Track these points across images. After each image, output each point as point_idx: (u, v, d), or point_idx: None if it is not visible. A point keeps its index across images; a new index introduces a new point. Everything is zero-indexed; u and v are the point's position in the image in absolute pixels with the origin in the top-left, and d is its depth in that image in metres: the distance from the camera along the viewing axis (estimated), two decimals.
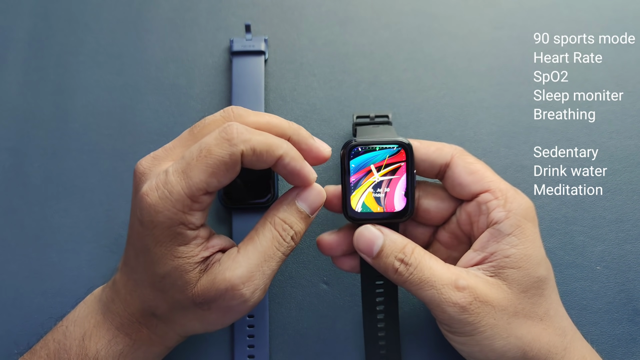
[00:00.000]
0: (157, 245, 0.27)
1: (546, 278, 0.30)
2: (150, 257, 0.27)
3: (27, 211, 0.38)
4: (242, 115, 0.28)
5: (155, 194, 0.26)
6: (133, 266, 0.29)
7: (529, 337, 0.29)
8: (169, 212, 0.26)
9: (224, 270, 0.28)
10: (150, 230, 0.27)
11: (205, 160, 0.26)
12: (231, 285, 0.27)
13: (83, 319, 0.30)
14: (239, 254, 0.28)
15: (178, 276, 0.27)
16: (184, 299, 0.28)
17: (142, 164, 0.28)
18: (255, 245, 0.29)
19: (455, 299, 0.28)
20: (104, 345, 0.29)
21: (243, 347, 0.36)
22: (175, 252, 0.27)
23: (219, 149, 0.26)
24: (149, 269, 0.28)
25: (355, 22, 0.41)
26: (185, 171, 0.26)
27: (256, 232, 0.29)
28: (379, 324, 0.33)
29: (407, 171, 0.30)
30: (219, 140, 0.26)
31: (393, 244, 0.30)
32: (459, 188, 0.31)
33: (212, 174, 0.26)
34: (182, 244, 0.27)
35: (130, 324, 0.30)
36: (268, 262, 0.28)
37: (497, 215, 0.30)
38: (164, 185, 0.26)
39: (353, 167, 0.30)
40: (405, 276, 0.29)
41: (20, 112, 0.40)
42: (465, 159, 0.31)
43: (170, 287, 0.28)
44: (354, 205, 0.30)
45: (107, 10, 0.42)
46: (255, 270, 0.28)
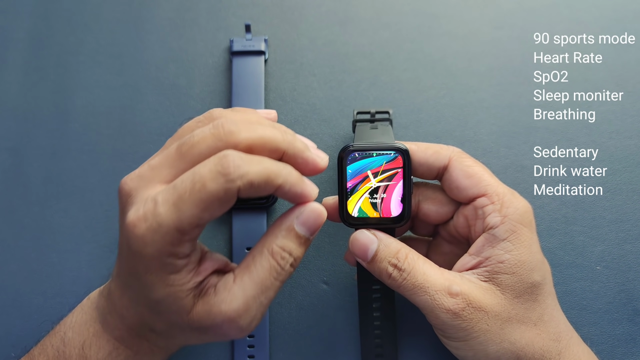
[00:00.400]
0: (147, 273, 0.26)
1: (540, 283, 0.30)
2: (142, 282, 0.26)
3: (27, 211, 0.38)
4: (233, 132, 0.26)
5: (143, 226, 0.25)
6: (127, 283, 0.28)
7: (523, 342, 0.29)
8: (158, 244, 0.25)
9: (219, 303, 0.26)
10: (139, 259, 0.26)
11: (198, 194, 0.24)
12: (228, 318, 0.26)
13: (81, 326, 0.30)
14: (235, 285, 0.27)
15: (172, 302, 0.26)
16: (181, 321, 0.27)
17: (128, 184, 0.27)
18: (252, 275, 0.27)
19: (448, 305, 0.28)
20: (105, 356, 0.29)
21: (243, 347, 0.36)
22: (167, 280, 0.26)
23: (214, 183, 0.24)
24: (142, 292, 0.27)
25: (355, 22, 0.41)
26: (177, 204, 0.24)
27: (253, 259, 0.28)
28: (375, 322, 0.33)
29: (404, 178, 0.30)
30: (214, 174, 0.24)
31: (387, 249, 0.30)
32: (457, 191, 0.31)
33: (205, 208, 0.24)
34: (173, 273, 0.26)
35: (130, 337, 0.29)
36: (265, 293, 0.27)
37: (492, 220, 0.30)
38: (152, 216, 0.25)
39: (350, 172, 0.30)
40: (399, 281, 0.29)
41: (20, 112, 0.40)
42: (463, 161, 0.31)
43: (166, 310, 0.27)
44: (350, 210, 0.30)
45: (107, 10, 0.42)
46: (251, 303, 0.27)
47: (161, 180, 0.26)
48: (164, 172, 0.26)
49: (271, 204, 0.37)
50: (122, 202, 0.27)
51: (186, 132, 0.28)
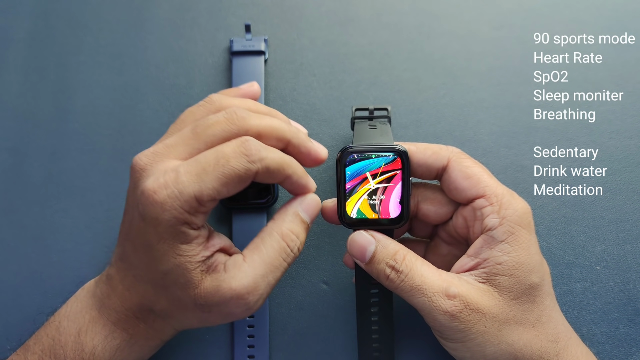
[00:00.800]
0: (159, 241, 0.27)
1: (538, 285, 0.30)
2: (152, 253, 0.27)
3: (27, 211, 0.38)
4: (245, 118, 0.28)
5: (164, 192, 0.26)
6: (132, 262, 0.29)
7: (521, 344, 0.29)
8: (176, 211, 0.26)
9: (229, 279, 0.28)
10: (154, 227, 0.27)
11: (222, 169, 0.27)
12: (237, 294, 0.28)
13: (77, 314, 0.30)
14: (245, 263, 0.28)
15: (180, 274, 0.27)
16: (186, 297, 0.28)
17: (142, 159, 0.28)
18: (262, 255, 0.29)
19: (446, 307, 0.28)
20: (101, 340, 0.29)
21: (243, 347, 0.36)
22: (178, 250, 0.27)
23: (236, 161, 0.27)
24: (151, 266, 0.28)
25: (355, 22, 0.41)
26: (200, 175, 0.26)
27: (262, 241, 0.29)
28: (373, 326, 0.33)
29: (402, 179, 0.30)
30: (237, 154, 0.27)
31: (384, 250, 0.30)
32: (455, 192, 0.31)
33: (225, 183, 0.27)
34: (185, 242, 0.27)
35: (127, 319, 0.30)
36: (274, 272, 0.29)
37: (490, 221, 0.30)
38: (174, 185, 0.26)
39: (349, 174, 0.30)
40: (397, 283, 0.29)
41: (20, 112, 0.40)
42: (462, 162, 0.31)
43: (172, 284, 0.28)
44: (349, 211, 0.30)
45: (107, 10, 0.42)
46: (261, 281, 0.28)
47: (176, 156, 0.28)
48: (180, 150, 0.28)
49: (271, 204, 0.37)
50: (135, 177, 0.28)
51: (189, 117, 0.30)
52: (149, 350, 0.31)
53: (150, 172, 0.28)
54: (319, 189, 0.38)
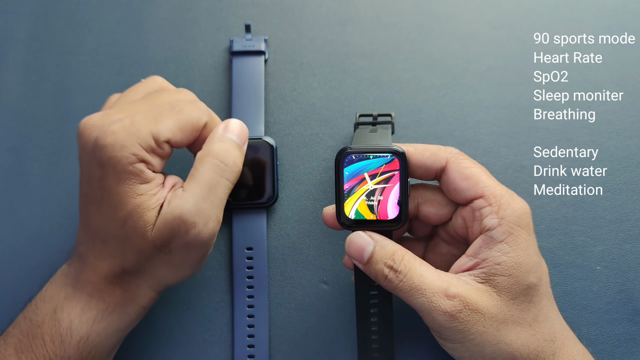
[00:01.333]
0: (119, 183, 0.28)
1: (536, 285, 0.30)
2: (112, 199, 0.28)
3: (27, 211, 0.38)
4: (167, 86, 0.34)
5: (122, 132, 0.28)
6: (95, 225, 0.30)
7: (518, 343, 0.29)
8: (134, 147, 0.28)
9: (172, 209, 0.29)
10: (113, 168, 0.28)
11: (177, 115, 0.30)
12: (182, 220, 0.29)
13: (52, 294, 0.31)
14: (184, 192, 0.30)
15: (138, 217, 0.28)
16: (146, 244, 0.29)
17: (93, 119, 0.30)
18: (197, 179, 0.30)
19: (445, 307, 0.28)
20: (77, 314, 0.30)
21: (243, 347, 0.36)
22: (137, 190, 0.29)
23: (190, 110, 0.30)
24: (111, 216, 0.29)
25: (355, 22, 0.41)
26: (156, 117, 0.29)
27: (195, 168, 0.30)
28: (373, 327, 0.33)
29: (400, 180, 0.30)
30: (192, 106, 0.30)
31: (383, 250, 0.30)
32: (454, 193, 0.31)
33: (180, 128, 0.30)
34: (144, 182, 0.29)
35: (102, 287, 0.30)
36: (214, 190, 0.30)
37: (489, 222, 0.30)
38: (131, 124, 0.28)
39: (347, 174, 0.30)
40: (395, 283, 0.29)
41: (20, 112, 0.40)
42: (461, 163, 0.31)
43: (132, 232, 0.29)
44: (347, 212, 0.30)
45: (107, 10, 0.42)
46: (202, 202, 0.29)
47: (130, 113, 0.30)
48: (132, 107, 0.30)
49: (271, 203, 0.37)
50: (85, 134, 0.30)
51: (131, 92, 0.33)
52: (129, 320, 0.31)
53: (103, 125, 0.29)
54: (317, 191, 0.38)
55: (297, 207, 0.38)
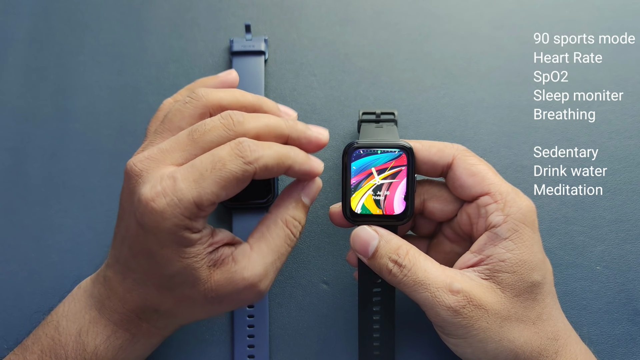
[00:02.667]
0: (162, 248, 0.27)
1: (540, 283, 0.30)
2: (155, 259, 0.27)
3: (27, 211, 0.38)
4: (242, 122, 0.28)
5: (163, 201, 0.26)
6: (131, 266, 0.29)
7: (521, 341, 0.29)
8: (176, 219, 0.26)
9: (241, 270, 0.28)
10: (154, 235, 0.27)
11: (219, 173, 0.26)
12: (250, 283, 0.29)
13: (76, 314, 0.30)
14: (254, 252, 0.29)
15: (188, 274, 0.28)
16: (195, 293, 0.28)
17: (137, 165, 0.28)
18: (269, 243, 0.30)
19: (449, 302, 0.28)
20: (103, 340, 0.29)
21: (243, 347, 0.36)
22: (182, 254, 0.27)
23: (232, 164, 0.27)
24: (154, 270, 0.28)
25: (355, 22, 0.41)
26: (197, 181, 0.26)
27: (268, 229, 0.30)
28: (375, 325, 0.33)
29: (407, 176, 0.30)
30: (233, 157, 0.27)
31: (387, 245, 0.30)
32: (460, 189, 0.31)
33: (224, 187, 0.27)
34: (188, 246, 0.27)
35: (129, 320, 0.30)
36: (280, 258, 0.30)
37: (495, 219, 0.30)
38: (172, 192, 0.26)
39: (354, 169, 0.30)
40: (399, 278, 0.29)
41: (20, 112, 0.40)
42: (467, 159, 0.31)
43: (180, 284, 0.28)
44: (353, 207, 0.31)
45: (107, 10, 0.42)
46: (270, 268, 0.29)
47: (172, 162, 0.28)
48: (175, 155, 0.28)
49: (271, 203, 0.37)
50: (130, 183, 0.28)
51: (176, 116, 0.30)
52: (150, 347, 0.32)
53: (146, 179, 0.27)
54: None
55: None
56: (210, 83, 0.34)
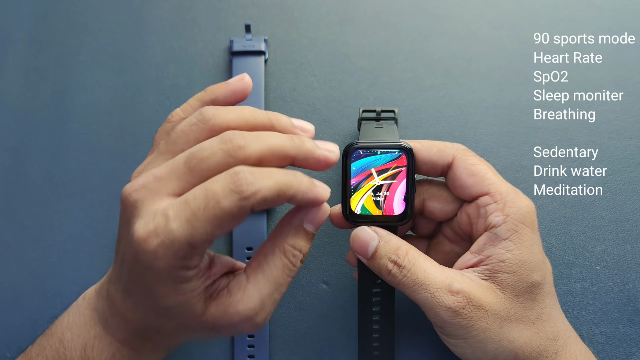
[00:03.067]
0: (157, 284, 0.26)
1: (540, 283, 0.30)
2: (151, 293, 0.26)
3: (27, 211, 0.38)
4: (243, 147, 0.25)
5: (155, 242, 0.24)
6: (130, 289, 0.28)
7: (521, 341, 0.29)
8: (170, 259, 0.25)
9: (235, 303, 0.27)
10: (149, 272, 0.26)
11: (212, 211, 0.24)
12: (245, 317, 0.27)
13: (80, 327, 0.30)
14: (249, 284, 0.28)
15: (184, 308, 0.27)
16: (192, 322, 0.28)
17: (132, 195, 0.26)
18: (266, 274, 0.28)
19: (449, 302, 0.28)
20: (108, 358, 0.29)
21: (243, 347, 0.36)
22: (178, 290, 0.26)
23: (227, 201, 0.24)
24: (150, 301, 0.27)
25: (355, 22, 0.41)
26: (190, 220, 0.24)
27: (265, 259, 0.28)
28: (374, 325, 0.33)
29: (407, 176, 0.30)
30: (227, 192, 0.24)
31: (387, 245, 0.30)
32: (460, 189, 0.31)
33: (218, 225, 0.25)
34: (184, 282, 0.26)
35: (133, 339, 0.29)
36: (279, 289, 0.28)
37: (494, 219, 0.30)
38: (164, 233, 0.24)
39: (354, 169, 0.30)
40: (399, 278, 0.29)
41: (20, 112, 0.40)
42: (467, 159, 0.31)
43: (177, 315, 0.27)
44: (353, 207, 0.31)
45: (107, 10, 0.42)
46: (267, 300, 0.28)
47: (168, 192, 0.26)
48: (172, 185, 0.26)
49: None
50: (126, 213, 0.27)
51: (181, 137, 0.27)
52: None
53: (140, 212, 0.26)
54: None
55: None
56: (221, 91, 0.30)
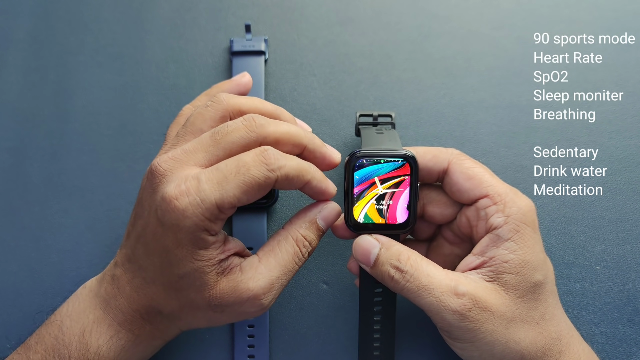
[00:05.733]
0: (178, 247, 0.27)
1: (542, 283, 0.30)
2: (168, 258, 0.28)
3: (27, 211, 0.38)
4: (263, 125, 0.29)
5: (186, 200, 0.26)
6: (142, 264, 0.29)
7: (527, 341, 0.29)
8: (197, 218, 0.27)
9: (247, 280, 0.28)
10: (174, 233, 0.27)
11: (242, 177, 0.27)
12: (254, 295, 0.28)
13: (80, 313, 0.30)
14: (261, 264, 0.29)
15: (197, 277, 0.28)
16: (200, 299, 0.28)
17: (162, 165, 0.28)
18: (277, 258, 0.29)
19: (455, 306, 0.28)
20: (106, 341, 0.30)
21: (243, 347, 0.36)
22: (196, 255, 0.28)
23: (256, 170, 0.27)
24: (165, 269, 0.28)
25: (355, 22, 0.41)
26: (221, 183, 0.27)
27: (278, 244, 0.30)
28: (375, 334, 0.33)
29: (410, 185, 0.30)
30: (257, 163, 0.27)
31: (388, 252, 0.30)
32: (458, 194, 0.31)
33: (246, 191, 0.27)
34: (203, 248, 0.28)
35: (133, 320, 0.30)
36: (287, 275, 0.30)
37: (495, 220, 0.30)
38: (196, 192, 0.27)
39: (357, 178, 0.30)
40: (402, 283, 0.29)
41: (21, 113, 0.40)
42: (463, 163, 0.31)
43: (188, 287, 0.28)
44: (356, 216, 0.30)
45: (107, 10, 0.42)
46: (275, 282, 0.29)
47: (196, 163, 0.28)
48: (199, 156, 0.28)
49: (271, 204, 0.37)
50: (154, 182, 0.28)
51: (198, 119, 0.30)
52: (152, 350, 0.32)
53: (170, 179, 0.28)
54: None
55: (297, 207, 0.38)
56: (227, 87, 0.35)
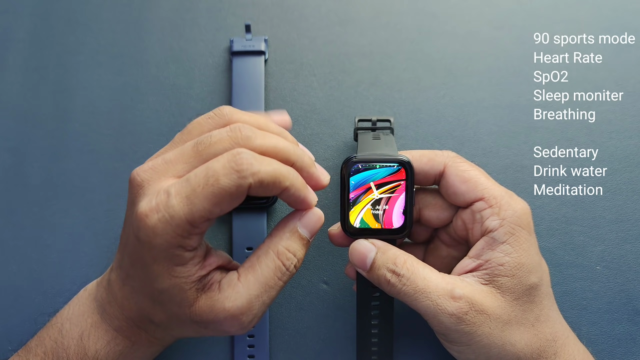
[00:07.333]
0: (154, 262, 0.27)
1: (537, 285, 0.30)
2: (148, 272, 0.27)
3: (27, 211, 0.38)
4: (250, 137, 0.27)
5: (155, 217, 0.25)
6: (130, 274, 0.29)
7: (522, 344, 0.29)
8: (168, 236, 0.26)
9: (223, 300, 0.27)
10: (148, 249, 0.26)
11: (211, 188, 0.25)
12: (230, 315, 0.27)
13: (79, 317, 0.30)
14: (240, 283, 0.28)
15: (176, 293, 0.27)
16: (182, 313, 0.28)
17: (140, 175, 0.27)
18: (257, 275, 0.28)
19: (451, 309, 0.28)
20: (104, 345, 0.30)
21: (243, 347, 0.36)
22: (173, 272, 0.27)
23: (226, 179, 0.25)
24: (146, 282, 0.28)
25: (355, 22, 0.41)
26: (190, 197, 0.25)
27: (258, 259, 0.28)
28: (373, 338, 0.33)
29: (406, 190, 0.30)
30: (228, 170, 0.25)
31: (384, 256, 0.30)
32: (454, 197, 0.31)
33: (217, 203, 0.25)
34: (180, 264, 0.27)
35: (128, 327, 0.30)
36: (268, 292, 0.28)
37: (491, 223, 0.30)
38: (165, 209, 0.25)
39: (353, 183, 0.30)
40: (398, 287, 0.29)
41: (20, 112, 0.40)
42: (458, 166, 0.31)
43: (168, 301, 0.28)
44: (352, 221, 0.30)
45: (107, 10, 0.42)
46: (254, 301, 0.28)
47: (174, 174, 0.27)
48: (178, 167, 0.27)
49: (271, 204, 0.37)
50: (132, 193, 0.28)
51: (196, 128, 0.29)
52: (151, 355, 0.32)
53: (145, 191, 0.27)
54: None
55: None
56: None
